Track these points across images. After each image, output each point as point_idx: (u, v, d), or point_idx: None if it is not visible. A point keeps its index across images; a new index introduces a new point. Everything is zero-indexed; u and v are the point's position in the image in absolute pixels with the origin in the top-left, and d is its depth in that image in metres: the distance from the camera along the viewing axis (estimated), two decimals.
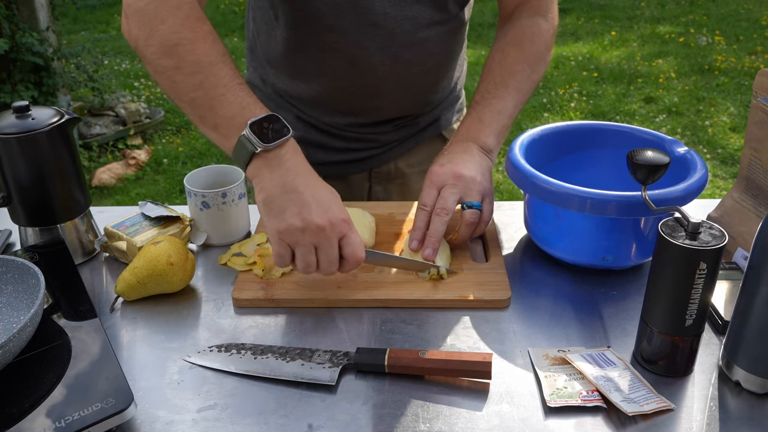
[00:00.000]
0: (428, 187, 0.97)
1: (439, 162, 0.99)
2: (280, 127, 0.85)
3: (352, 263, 0.86)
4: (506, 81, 1.05)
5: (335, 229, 0.83)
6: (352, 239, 0.85)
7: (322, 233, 0.83)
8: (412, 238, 0.95)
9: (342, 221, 0.84)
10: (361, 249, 0.86)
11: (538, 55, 1.09)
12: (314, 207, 0.83)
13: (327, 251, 0.84)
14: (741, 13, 6.19)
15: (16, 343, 0.70)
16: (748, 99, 4.31)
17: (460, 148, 1.01)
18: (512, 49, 1.08)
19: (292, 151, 0.86)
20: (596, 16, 6.31)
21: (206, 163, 3.73)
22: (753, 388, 0.74)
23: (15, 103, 0.93)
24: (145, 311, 0.90)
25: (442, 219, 0.94)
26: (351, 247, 0.85)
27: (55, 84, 3.69)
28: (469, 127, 1.04)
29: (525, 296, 0.92)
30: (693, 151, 0.95)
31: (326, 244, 0.83)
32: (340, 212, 0.85)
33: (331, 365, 0.78)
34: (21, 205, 0.96)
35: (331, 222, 0.83)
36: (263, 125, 0.84)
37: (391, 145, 1.22)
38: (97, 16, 6.69)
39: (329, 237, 0.83)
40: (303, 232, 0.82)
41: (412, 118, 1.21)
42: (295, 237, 0.83)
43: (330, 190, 0.87)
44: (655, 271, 0.74)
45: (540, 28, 1.10)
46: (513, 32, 1.09)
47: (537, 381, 0.77)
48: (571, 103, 4.41)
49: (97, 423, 0.65)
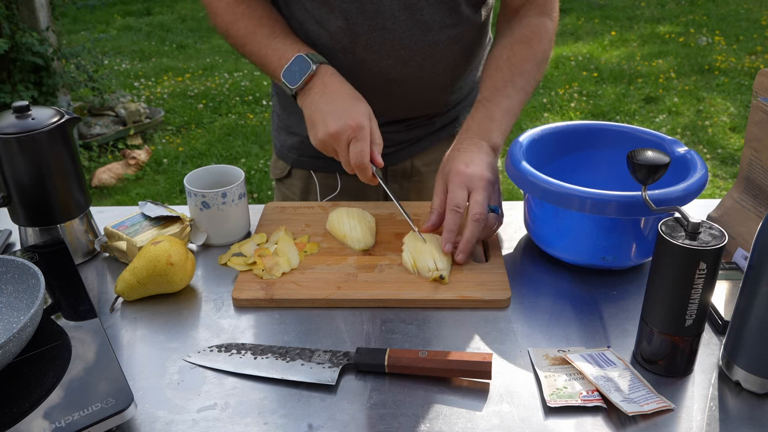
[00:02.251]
0: (458, 187, 0.95)
1: (462, 160, 0.98)
2: (305, 64, 1.01)
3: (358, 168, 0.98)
4: (514, 79, 1.05)
5: (342, 137, 0.97)
6: (357, 146, 0.97)
7: (335, 140, 0.98)
8: (447, 240, 0.94)
9: (350, 128, 0.96)
10: (362, 155, 0.97)
11: (545, 54, 1.09)
12: (330, 119, 0.97)
13: (343, 154, 0.98)
14: (741, 13, 6.19)
15: (16, 343, 0.70)
16: (748, 99, 4.31)
17: (475, 147, 1.00)
18: (521, 48, 1.07)
19: (321, 78, 1.01)
20: (596, 16, 6.31)
21: (206, 163, 3.73)
22: (753, 388, 0.74)
23: (15, 103, 0.93)
24: (145, 311, 0.90)
25: (479, 225, 0.94)
26: (352, 153, 0.97)
27: (55, 84, 3.69)
28: (480, 124, 1.03)
29: (525, 296, 0.92)
30: (693, 151, 0.95)
31: (341, 148, 0.98)
32: (351, 120, 0.96)
33: (331, 365, 0.78)
34: (21, 205, 0.96)
35: (338, 131, 0.97)
36: (293, 69, 1.02)
37: (406, 144, 1.22)
38: (97, 16, 6.69)
39: (340, 144, 0.98)
40: (326, 141, 0.99)
41: (426, 118, 1.21)
42: (325, 146, 1.00)
43: (350, 102, 0.99)
44: (655, 271, 0.74)
45: (546, 27, 1.10)
46: (521, 30, 1.09)
47: (537, 381, 0.77)
48: (571, 103, 4.41)
49: (97, 423, 0.65)
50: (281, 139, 1.28)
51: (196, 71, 5.25)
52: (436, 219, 0.99)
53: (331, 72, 1.02)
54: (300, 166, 1.26)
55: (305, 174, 1.26)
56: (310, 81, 1.01)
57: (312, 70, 1.01)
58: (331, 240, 1.03)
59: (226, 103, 4.60)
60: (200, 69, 5.30)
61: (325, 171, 1.24)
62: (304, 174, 1.27)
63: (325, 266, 0.96)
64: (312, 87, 1.01)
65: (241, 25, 1.07)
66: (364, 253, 0.99)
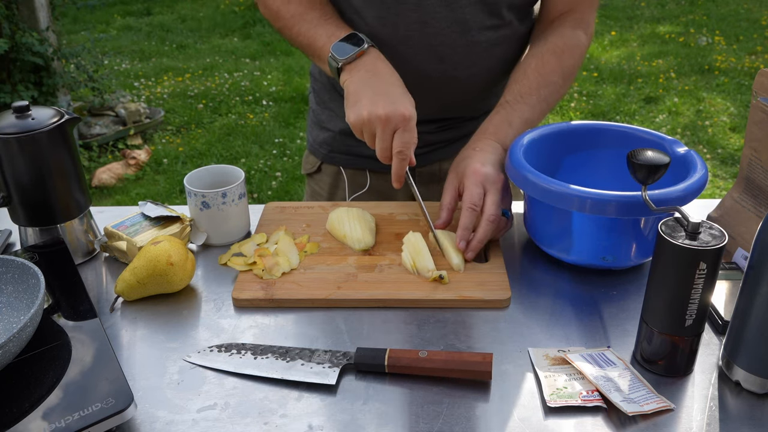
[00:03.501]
0: (475, 186, 0.95)
1: (478, 159, 0.98)
2: (357, 41, 1.00)
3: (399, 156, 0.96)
4: (540, 90, 1.04)
5: (391, 122, 0.94)
6: (404, 136, 0.95)
7: (381, 124, 0.94)
8: (462, 238, 0.95)
9: (401, 116, 0.94)
10: (407, 146, 0.95)
11: (573, 69, 1.08)
12: (381, 101, 0.95)
13: (384, 140, 0.96)
14: (741, 13, 6.19)
15: (16, 343, 0.70)
16: (748, 99, 4.31)
17: (490, 148, 1.00)
18: (552, 58, 1.06)
19: (372, 58, 1.00)
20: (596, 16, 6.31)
21: (206, 163, 3.73)
22: (753, 388, 0.74)
23: (15, 103, 0.93)
24: (145, 311, 0.90)
25: (493, 226, 0.94)
26: (398, 140, 0.95)
27: (55, 84, 3.69)
28: (498, 127, 1.03)
29: (525, 296, 0.92)
30: (693, 151, 0.95)
31: (384, 133, 0.95)
32: (404, 108, 0.94)
33: (331, 365, 0.78)
34: (21, 205, 0.96)
35: (388, 116, 0.94)
36: (345, 43, 1.00)
37: (436, 146, 1.22)
38: (97, 16, 6.69)
39: (384, 129, 0.95)
40: (371, 121, 0.95)
41: (458, 122, 1.20)
42: (364, 125, 0.96)
43: (400, 90, 0.97)
44: (655, 271, 0.74)
45: (580, 41, 1.09)
46: (554, 41, 1.08)
47: (537, 381, 0.77)
48: (571, 103, 4.41)
49: (97, 423, 0.65)
50: (314, 134, 1.28)
51: (196, 71, 5.25)
52: (446, 216, 0.99)
53: (382, 57, 1.02)
54: (330, 162, 1.27)
55: (335, 170, 1.27)
56: (360, 57, 1.00)
57: (364, 48, 0.99)
58: (331, 240, 1.03)
59: (226, 103, 4.60)
60: (200, 69, 5.30)
61: (355, 167, 1.24)
62: (334, 170, 1.27)
63: (325, 266, 0.96)
64: (361, 64, 0.99)
65: (292, 7, 1.07)
66: (364, 253, 0.99)
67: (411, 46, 1.06)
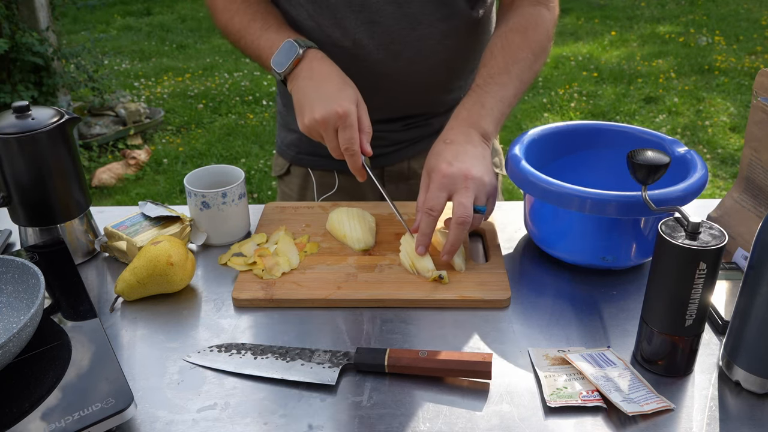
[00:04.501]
0: (438, 189, 0.91)
1: (445, 158, 0.93)
2: (292, 50, 1.01)
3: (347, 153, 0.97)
4: (509, 68, 1.02)
5: (329, 123, 0.96)
6: (346, 133, 0.96)
7: (321, 127, 0.96)
8: (419, 243, 0.93)
9: (336, 115, 0.95)
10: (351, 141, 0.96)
11: (541, 44, 1.06)
12: (318, 105, 0.96)
13: (330, 141, 0.98)
14: (741, 13, 6.19)
15: (16, 343, 0.70)
16: (748, 99, 4.31)
17: (463, 137, 0.96)
18: (516, 36, 1.04)
19: (307, 63, 1.01)
20: (596, 16, 6.31)
21: (206, 163, 3.73)
22: (753, 388, 0.74)
23: (15, 103, 0.93)
24: (145, 311, 0.90)
25: (464, 228, 0.90)
26: (341, 138, 0.96)
27: (55, 84, 3.69)
28: (470, 110, 1.00)
29: (525, 296, 0.92)
30: (693, 151, 0.95)
31: (327, 135, 0.97)
32: (338, 107, 0.95)
33: (331, 365, 0.78)
34: (21, 205, 0.96)
35: (324, 118, 0.95)
36: (281, 54, 1.02)
37: (403, 144, 1.21)
38: (97, 16, 6.69)
39: (326, 131, 0.97)
40: (313, 127, 0.97)
41: (424, 119, 1.20)
42: (311, 131, 0.99)
43: (337, 87, 0.98)
44: (655, 271, 0.74)
45: (543, 17, 1.07)
46: (515, 19, 1.06)
47: (537, 381, 0.77)
48: (571, 103, 4.41)
49: (97, 423, 0.65)
50: (281, 136, 1.28)
51: (196, 71, 5.25)
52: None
53: (319, 56, 1.01)
54: (298, 163, 1.26)
55: (303, 171, 1.26)
56: (297, 65, 1.01)
57: (299, 54, 1.00)
58: (331, 240, 1.03)
59: (226, 103, 4.60)
60: (200, 69, 5.30)
61: (323, 169, 1.24)
62: (302, 171, 1.26)
63: (325, 266, 0.96)
64: (299, 71, 1.01)
65: (236, 20, 1.09)
66: (364, 253, 0.99)
67: (363, 46, 1.06)
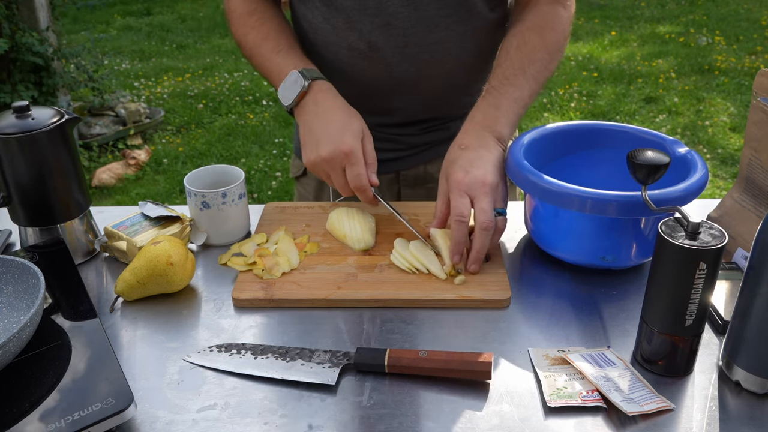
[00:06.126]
0: (460, 195, 0.92)
1: (461, 166, 0.94)
2: (297, 83, 1.01)
3: (358, 190, 0.98)
4: (525, 68, 1.01)
5: (335, 162, 0.97)
6: (353, 170, 0.97)
7: (327, 165, 0.98)
8: (455, 252, 0.92)
9: (342, 154, 0.96)
10: (360, 179, 0.97)
11: (557, 44, 1.05)
12: (323, 143, 0.97)
13: (337, 178, 0.99)
14: (741, 13, 6.19)
15: (16, 343, 0.70)
16: (748, 99, 4.31)
17: (477, 141, 0.96)
18: (532, 36, 1.03)
19: (312, 96, 1.01)
20: (596, 16, 6.31)
21: (206, 163, 3.73)
22: (753, 388, 0.74)
23: (15, 103, 0.93)
24: (145, 311, 0.90)
25: (488, 233, 0.91)
26: (350, 177, 0.97)
27: (55, 84, 3.69)
28: (486, 113, 0.99)
29: (525, 296, 0.92)
30: (693, 151, 0.95)
31: (334, 173, 0.98)
32: (343, 145, 0.96)
33: (331, 365, 0.78)
34: (21, 205, 0.96)
35: (331, 157, 0.96)
36: (287, 86, 1.02)
37: (420, 148, 1.19)
38: (97, 16, 6.69)
39: (333, 169, 0.98)
40: (319, 165, 0.99)
41: (441, 122, 1.18)
42: (316, 168, 1.00)
43: (341, 123, 0.98)
44: (655, 271, 0.74)
45: (560, 16, 1.06)
46: (532, 18, 1.05)
47: (537, 381, 0.77)
48: (571, 103, 4.41)
49: (97, 423, 0.65)
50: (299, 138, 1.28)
51: (196, 71, 5.25)
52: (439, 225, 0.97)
53: (325, 88, 1.02)
54: None
55: None
56: (303, 98, 1.02)
57: (304, 87, 1.01)
58: (331, 240, 1.03)
59: (226, 103, 4.60)
60: (200, 69, 5.30)
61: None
62: None
63: (325, 266, 0.96)
64: (305, 105, 1.02)
65: (250, 38, 1.09)
66: (364, 253, 0.99)
67: (379, 49, 1.05)
